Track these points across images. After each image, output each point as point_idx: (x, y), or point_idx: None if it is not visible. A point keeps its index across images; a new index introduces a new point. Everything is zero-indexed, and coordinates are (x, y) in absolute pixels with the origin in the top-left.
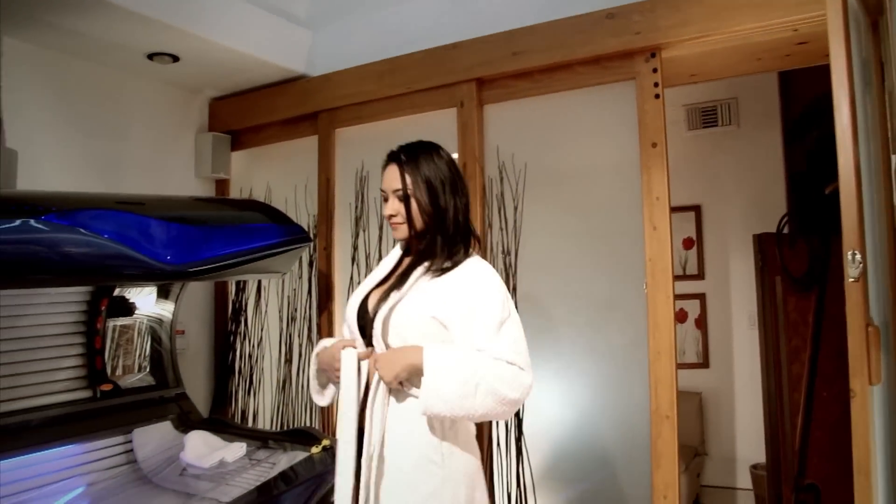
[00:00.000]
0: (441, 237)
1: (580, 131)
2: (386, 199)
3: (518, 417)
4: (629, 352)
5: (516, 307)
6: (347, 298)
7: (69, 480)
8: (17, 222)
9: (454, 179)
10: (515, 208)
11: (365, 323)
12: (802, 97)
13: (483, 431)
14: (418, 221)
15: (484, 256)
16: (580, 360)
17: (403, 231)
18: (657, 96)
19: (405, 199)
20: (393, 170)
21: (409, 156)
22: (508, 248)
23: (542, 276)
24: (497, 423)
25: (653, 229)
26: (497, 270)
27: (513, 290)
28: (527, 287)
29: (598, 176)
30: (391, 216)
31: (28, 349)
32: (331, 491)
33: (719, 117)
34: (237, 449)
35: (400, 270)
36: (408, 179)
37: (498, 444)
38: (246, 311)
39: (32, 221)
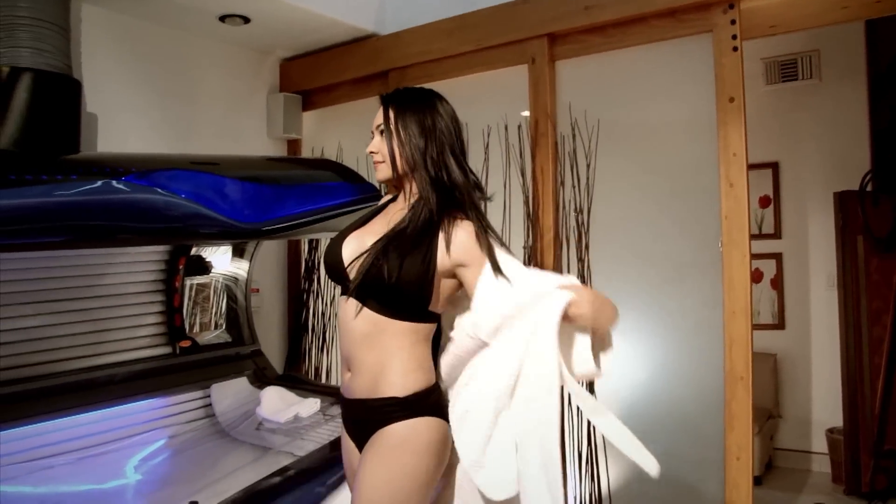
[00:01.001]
0: (421, 185)
1: (654, 87)
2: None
3: None
4: (703, 312)
5: (588, 266)
6: None
7: (152, 432)
8: (99, 183)
9: (446, 131)
10: (588, 166)
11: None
12: (891, 48)
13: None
14: (398, 162)
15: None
16: (652, 320)
17: (383, 171)
18: (735, 49)
19: (387, 137)
20: (380, 108)
21: (401, 97)
22: (581, 206)
23: (615, 235)
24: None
25: (729, 186)
26: (569, 229)
27: (585, 249)
28: (599, 245)
29: (673, 132)
30: (371, 152)
31: (111, 307)
32: None
33: (800, 71)
34: (311, 404)
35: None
36: (391, 116)
37: (569, 403)
38: (318, 269)
39: (113, 182)
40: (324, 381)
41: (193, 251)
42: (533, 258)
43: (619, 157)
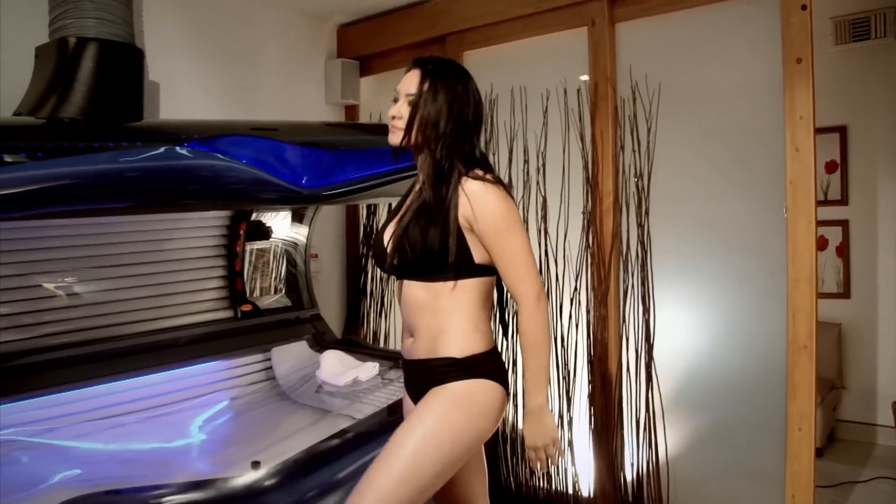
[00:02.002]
0: (438, 156)
1: (718, 48)
2: (396, 101)
3: (649, 343)
4: (765, 279)
5: (648, 232)
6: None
7: (215, 394)
8: (162, 150)
9: (472, 113)
10: (648, 130)
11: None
12: None
13: (612, 355)
14: (417, 133)
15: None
16: (713, 287)
17: (397, 137)
18: (804, 7)
19: (414, 106)
20: (415, 74)
21: (438, 68)
22: (641, 171)
23: (676, 200)
24: (627, 348)
25: (795, 151)
26: (629, 194)
27: (645, 214)
28: (659, 211)
29: (737, 95)
30: (393, 117)
31: (175, 271)
32: None
33: (872, 29)
34: (370, 368)
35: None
36: (425, 87)
37: (627, 369)
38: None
39: (176, 149)
40: (382, 345)
41: (254, 216)
42: (592, 223)
43: (680, 121)
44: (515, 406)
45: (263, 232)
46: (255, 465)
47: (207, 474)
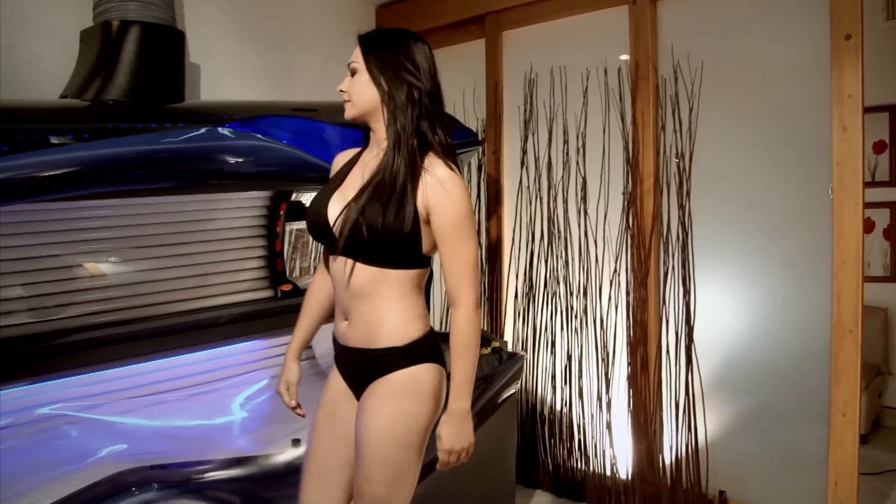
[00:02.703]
0: (394, 128)
1: (762, 25)
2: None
3: (689, 325)
4: (809, 261)
5: (689, 214)
6: (514, 204)
7: (256, 372)
8: (203, 130)
9: (422, 74)
10: (690, 110)
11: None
12: None
13: (651, 337)
14: (360, 101)
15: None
16: (755, 269)
17: (348, 110)
18: None
19: (359, 76)
20: (357, 46)
21: (376, 36)
22: (682, 152)
23: (718, 181)
24: (666, 330)
25: (842, 130)
26: (670, 174)
27: (686, 195)
28: (700, 192)
29: (782, 73)
30: (341, 91)
31: (216, 251)
32: (499, 391)
33: None
34: None
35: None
36: (361, 55)
37: (667, 352)
38: None
39: (217, 129)
40: None
41: (294, 197)
42: (632, 204)
43: (723, 100)
44: (554, 388)
45: (303, 212)
46: (296, 442)
47: (248, 451)
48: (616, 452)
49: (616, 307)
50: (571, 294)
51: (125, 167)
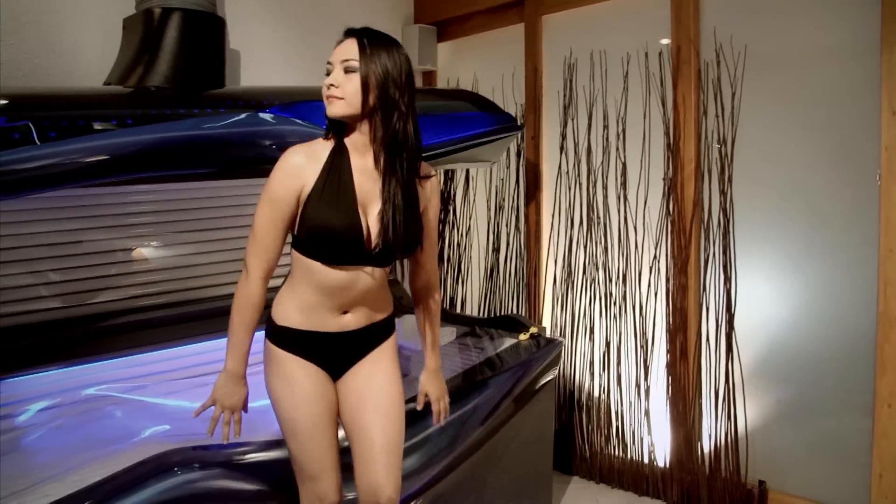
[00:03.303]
0: (393, 130)
1: (809, 7)
2: (328, 74)
3: (729, 312)
4: (855, 249)
5: (731, 200)
6: (552, 188)
7: None
8: (244, 116)
9: (408, 83)
10: (733, 94)
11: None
12: None
13: (691, 324)
14: (356, 102)
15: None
16: (798, 256)
17: (341, 108)
18: None
19: (363, 78)
20: (351, 43)
21: (373, 36)
22: (724, 137)
23: (760, 166)
24: (707, 317)
25: (892, 115)
26: (711, 160)
27: (728, 181)
28: (743, 178)
29: (829, 55)
30: (330, 86)
31: None
32: (537, 377)
33: None
34: (447, 333)
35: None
36: (365, 54)
37: (707, 339)
38: (454, 200)
39: (258, 114)
40: (458, 310)
41: None
42: (673, 190)
43: (766, 84)
44: (592, 374)
45: None
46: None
47: None
48: (654, 440)
49: (655, 294)
50: (610, 280)
51: (168, 153)
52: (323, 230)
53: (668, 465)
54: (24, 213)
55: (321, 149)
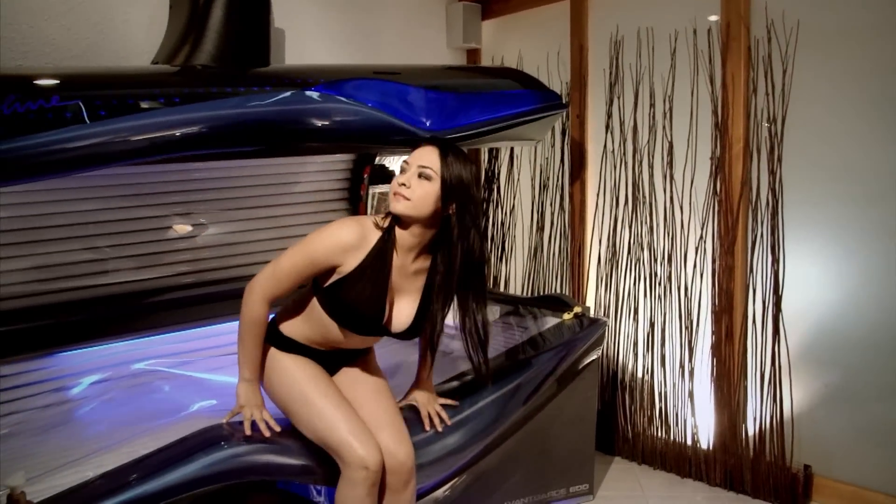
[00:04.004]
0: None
1: None
2: (403, 171)
3: (777, 294)
4: None
5: (780, 180)
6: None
7: None
8: (289, 94)
9: (476, 201)
10: (784, 72)
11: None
12: None
13: (737, 306)
14: (426, 207)
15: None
16: (849, 238)
17: (405, 207)
18: None
19: (443, 186)
20: (432, 151)
21: (454, 151)
22: (774, 115)
23: (812, 146)
24: (753, 298)
25: None
26: (760, 139)
27: (777, 161)
28: (793, 157)
29: (884, 31)
30: (402, 185)
31: (300, 214)
32: (580, 357)
33: None
34: (491, 312)
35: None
36: (440, 168)
37: (753, 321)
38: (499, 179)
39: (304, 93)
40: (502, 289)
41: (377, 160)
42: (720, 170)
43: (820, 61)
44: (636, 355)
45: (387, 175)
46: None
47: None
48: (698, 422)
49: (701, 275)
50: (655, 261)
51: (214, 131)
52: (350, 310)
53: (711, 448)
54: (76, 190)
55: (371, 234)
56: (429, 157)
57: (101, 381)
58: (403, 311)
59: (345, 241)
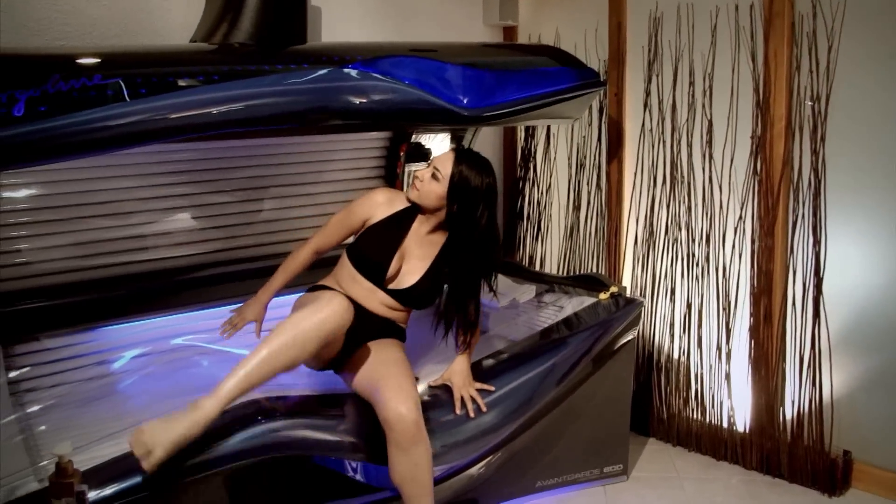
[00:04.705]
0: (456, 236)
1: None
2: (427, 167)
3: (818, 276)
4: None
5: (823, 160)
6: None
7: None
8: (327, 71)
9: (482, 203)
10: (829, 48)
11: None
12: None
13: (776, 287)
14: (430, 201)
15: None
16: (893, 220)
17: (414, 196)
18: None
19: (449, 189)
20: (449, 158)
21: (470, 162)
22: (818, 93)
23: (857, 125)
24: (793, 280)
25: None
26: (803, 118)
27: (820, 140)
28: (837, 137)
29: None
30: (417, 178)
31: (336, 192)
32: (616, 337)
33: None
34: (528, 290)
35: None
36: (453, 170)
37: (793, 303)
38: (535, 157)
39: (341, 70)
40: (538, 268)
41: (413, 138)
42: (761, 149)
43: (867, 37)
44: (672, 336)
45: (423, 154)
46: (415, 380)
47: None
48: (734, 404)
49: (740, 255)
50: (693, 241)
51: (252, 109)
52: (362, 252)
53: (747, 431)
54: (116, 168)
55: (400, 201)
56: (444, 162)
57: (142, 355)
58: (410, 272)
59: (377, 199)
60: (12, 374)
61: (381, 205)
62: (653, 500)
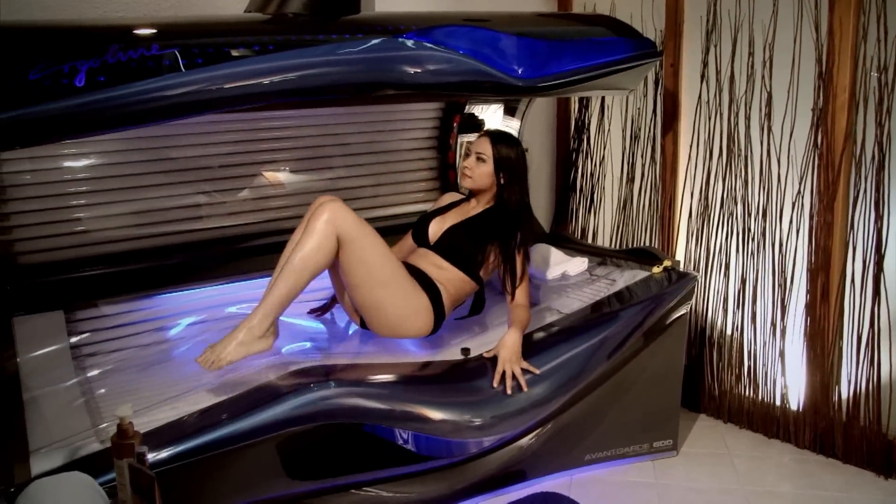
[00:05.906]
0: (500, 205)
1: None
2: (468, 155)
3: (879, 253)
4: None
5: (888, 133)
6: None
7: None
8: (380, 41)
9: (520, 170)
10: None
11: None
12: None
13: (835, 264)
14: (484, 181)
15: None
16: None
17: (468, 182)
18: None
19: (494, 164)
20: (486, 140)
21: (501, 137)
22: (885, 64)
23: None
24: (853, 257)
25: None
26: (868, 89)
27: (886, 113)
28: None
29: None
30: (466, 167)
31: (390, 162)
32: (668, 312)
33: None
34: (579, 263)
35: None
36: (492, 150)
37: (851, 281)
38: (589, 129)
39: (395, 40)
40: (590, 241)
41: (466, 109)
42: (822, 122)
43: None
44: (726, 311)
45: (476, 124)
46: (465, 351)
47: (420, 356)
48: (788, 382)
49: (797, 231)
50: (749, 215)
51: (307, 79)
52: (416, 222)
53: (801, 409)
54: (175, 137)
55: (457, 197)
56: (483, 145)
57: (197, 322)
58: (445, 225)
59: (445, 197)
60: (74, 339)
61: (444, 199)
62: (702, 477)
